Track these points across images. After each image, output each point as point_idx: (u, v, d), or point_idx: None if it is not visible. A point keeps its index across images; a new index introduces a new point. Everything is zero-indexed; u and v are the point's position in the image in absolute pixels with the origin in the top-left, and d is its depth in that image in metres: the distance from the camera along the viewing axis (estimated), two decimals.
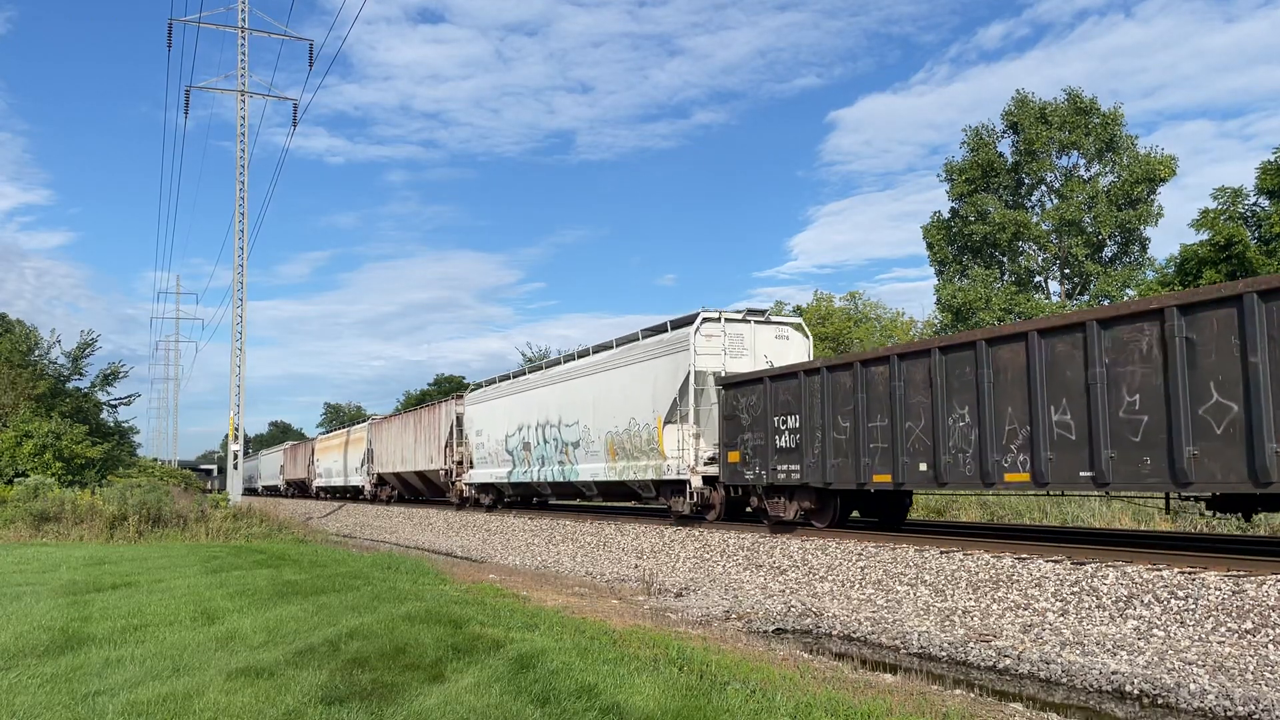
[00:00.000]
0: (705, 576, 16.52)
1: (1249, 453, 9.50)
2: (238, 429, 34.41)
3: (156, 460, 67.27)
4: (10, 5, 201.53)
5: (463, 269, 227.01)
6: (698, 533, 18.76)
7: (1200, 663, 8.83)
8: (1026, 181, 41.18)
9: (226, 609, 10.69)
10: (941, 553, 13.17)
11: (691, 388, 19.09)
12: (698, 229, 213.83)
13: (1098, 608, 10.38)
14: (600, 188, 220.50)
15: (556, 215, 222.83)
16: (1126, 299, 35.38)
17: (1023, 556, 12.10)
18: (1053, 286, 41.40)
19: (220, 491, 41.43)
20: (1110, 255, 40.02)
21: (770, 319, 20.36)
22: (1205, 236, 30.22)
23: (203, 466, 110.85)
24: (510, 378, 30.38)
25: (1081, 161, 40.16)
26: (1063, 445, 11.39)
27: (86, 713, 6.29)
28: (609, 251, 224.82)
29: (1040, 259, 41.04)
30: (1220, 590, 9.58)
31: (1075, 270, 39.94)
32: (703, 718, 6.32)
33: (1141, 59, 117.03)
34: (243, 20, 34.98)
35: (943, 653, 10.69)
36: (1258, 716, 7.84)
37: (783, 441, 16.36)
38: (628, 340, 22.62)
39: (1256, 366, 9.46)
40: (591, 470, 23.48)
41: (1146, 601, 10.03)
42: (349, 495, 50.39)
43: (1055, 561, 11.58)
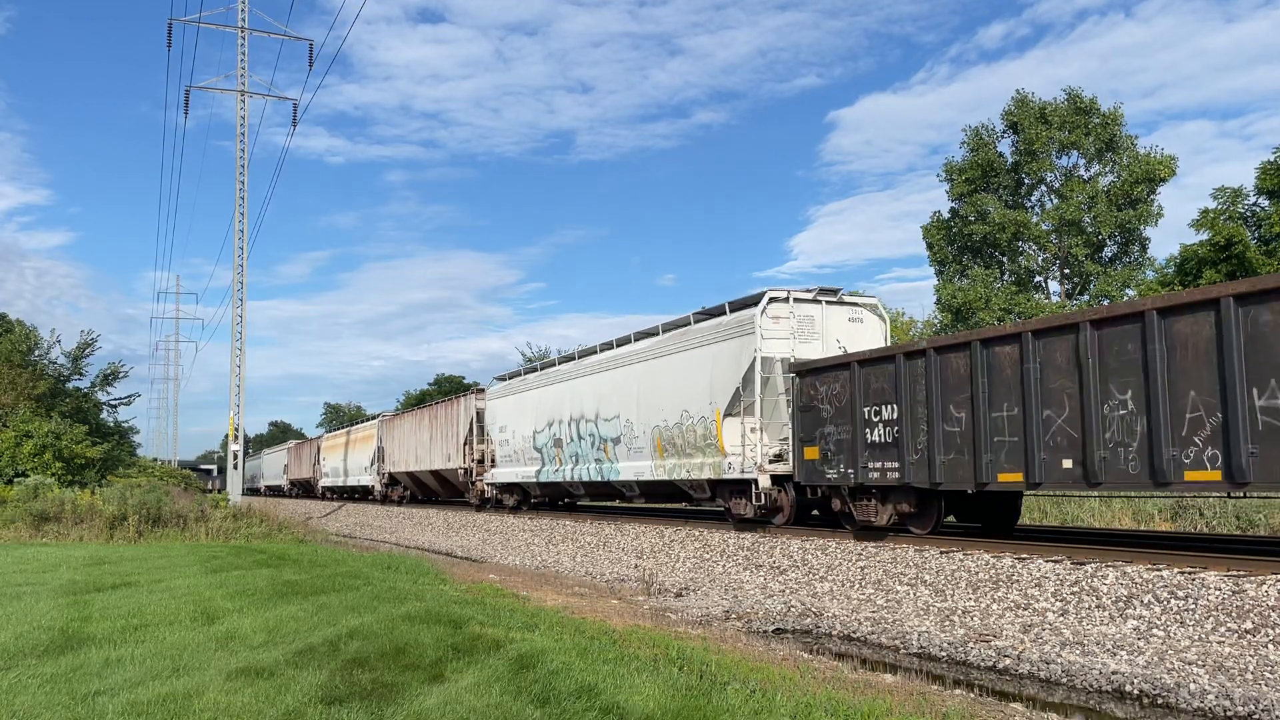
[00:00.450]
0: (705, 576, 16.52)
1: None
2: (238, 429, 34.44)
3: (156, 460, 67.37)
4: (10, 5, 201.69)
5: (463, 269, 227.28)
6: (698, 532, 18.76)
7: (1200, 663, 8.84)
8: (1026, 181, 41.17)
9: (226, 609, 10.68)
10: (941, 553, 13.17)
11: (758, 375, 17.13)
12: (698, 229, 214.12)
13: (1098, 608, 10.38)
14: (600, 188, 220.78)
15: (556, 215, 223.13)
16: (1126, 299, 35.39)
17: (1023, 556, 12.10)
18: (1053, 286, 41.42)
19: (221, 491, 41.42)
20: (1110, 255, 40.03)
21: (843, 299, 18.25)
22: (1205, 236, 30.25)
23: (203, 466, 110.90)
24: (539, 369, 28.25)
25: (1081, 161, 40.16)
26: (1272, 437, 9.60)
27: (86, 713, 6.29)
28: (609, 251, 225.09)
29: (1040, 259, 41.04)
30: (1220, 590, 9.58)
31: (1075, 270, 39.95)
32: (703, 718, 6.32)
33: (1142, 59, 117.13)
34: (243, 20, 35.02)
35: (943, 653, 10.69)
36: (1258, 717, 7.84)
37: (875, 436, 14.53)
38: (677, 325, 20.80)
39: None
40: (635, 469, 21.49)
41: (1146, 601, 10.03)
42: (357, 496, 48.43)
43: (1055, 561, 11.58)
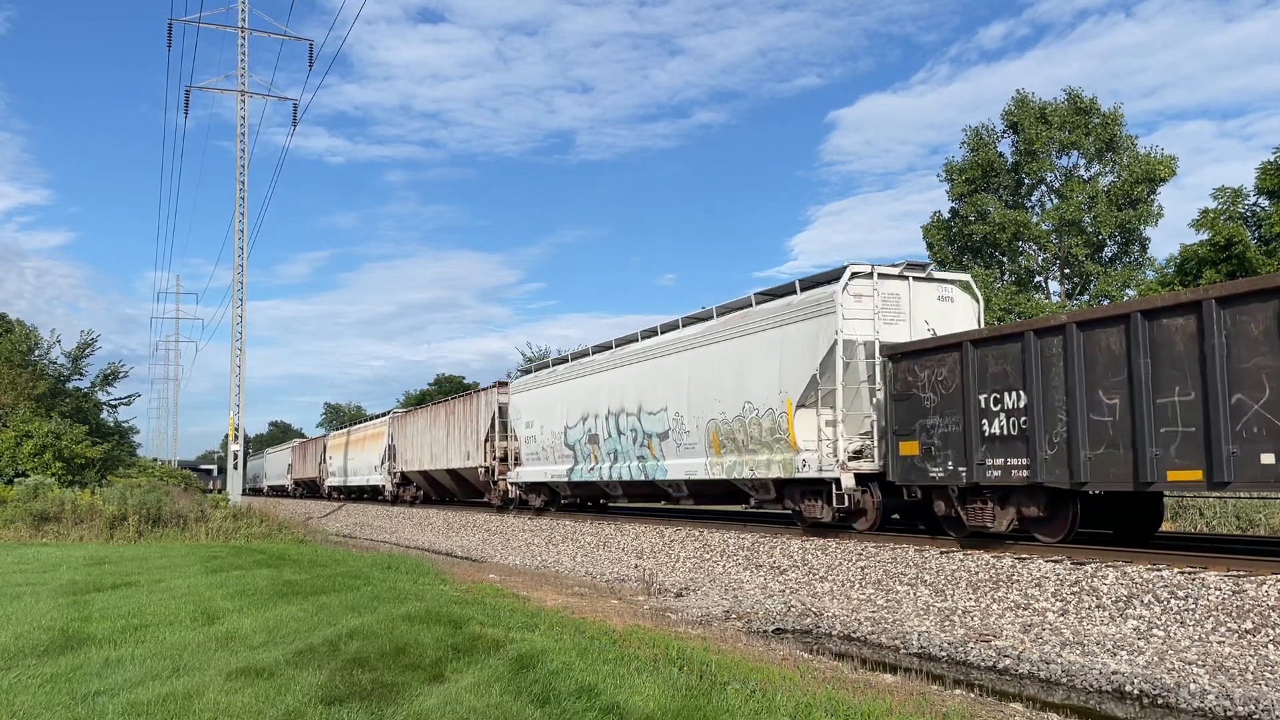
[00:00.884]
0: (705, 576, 16.52)
1: None
2: (238, 429, 34.46)
3: (156, 460, 67.28)
4: (10, 5, 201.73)
5: (463, 269, 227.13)
6: (698, 533, 18.75)
7: (1200, 663, 8.84)
8: (1026, 181, 41.16)
9: (226, 609, 10.68)
10: (941, 553, 13.17)
11: (839, 360, 15.16)
12: (698, 229, 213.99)
13: (1098, 608, 10.38)
14: (600, 188, 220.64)
15: (556, 215, 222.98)
16: (1127, 299, 35.39)
17: (1023, 556, 12.10)
18: (1053, 286, 41.40)
19: (221, 491, 41.41)
20: (1110, 255, 40.02)
21: (933, 275, 16.41)
22: (1205, 236, 30.22)
23: (203, 466, 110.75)
24: (569, 359, 26.18)
25: (1081, 161, 40.14)
26: None
27: (86, 713, 6.29)
28: (609, 251, 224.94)
29: (1040, 259, 41.03)
30: (1220, 590, 9.58)
31: (1075, 270, 39.94)
32: (703, 718, 6.32)
33: (1142, 59, 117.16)
34: (243, 20, 35.02)
35: (943, 653, 10.70)
36: (1258, 717, 7.84)
37: (996, 427, 12.64)
38: (735, 307, 18.89)
39: None
40: (685, 467, 19.42)
41: (1146, 601, 10.03)
42: (366, 496, 46.71)
43: (1055, 561, 11.58)
